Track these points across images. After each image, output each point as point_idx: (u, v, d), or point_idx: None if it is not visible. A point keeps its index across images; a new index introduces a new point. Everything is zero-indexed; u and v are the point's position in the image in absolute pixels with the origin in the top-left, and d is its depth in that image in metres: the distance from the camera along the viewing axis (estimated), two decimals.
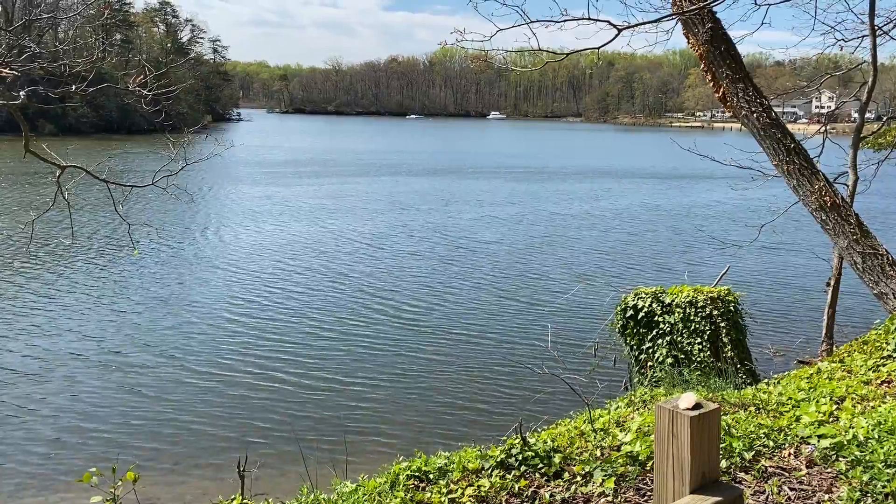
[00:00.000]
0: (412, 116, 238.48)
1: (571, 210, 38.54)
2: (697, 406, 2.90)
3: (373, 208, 37.93)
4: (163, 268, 23.37)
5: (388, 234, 30.45)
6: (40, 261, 23.55)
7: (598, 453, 5.18)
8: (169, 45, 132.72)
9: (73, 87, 7.29)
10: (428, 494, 4.77)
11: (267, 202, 39.65)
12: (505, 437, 5.63)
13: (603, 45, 6.74)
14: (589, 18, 6.43)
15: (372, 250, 26.85)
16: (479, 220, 34.36)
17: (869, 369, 7.70)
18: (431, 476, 5.01)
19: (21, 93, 6.99)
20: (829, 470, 4.77)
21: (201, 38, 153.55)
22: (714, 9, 6.88)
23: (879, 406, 6.09)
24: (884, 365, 7.63)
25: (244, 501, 5.36)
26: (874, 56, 12.27)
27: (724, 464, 4.77)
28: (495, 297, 20.38)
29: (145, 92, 7.27)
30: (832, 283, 13.88)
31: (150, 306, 18.83)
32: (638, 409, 6.90)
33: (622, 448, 5.16)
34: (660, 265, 25.17)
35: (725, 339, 11.54)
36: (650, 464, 4.79)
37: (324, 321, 17.81)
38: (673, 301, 11.90)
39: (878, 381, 7.14)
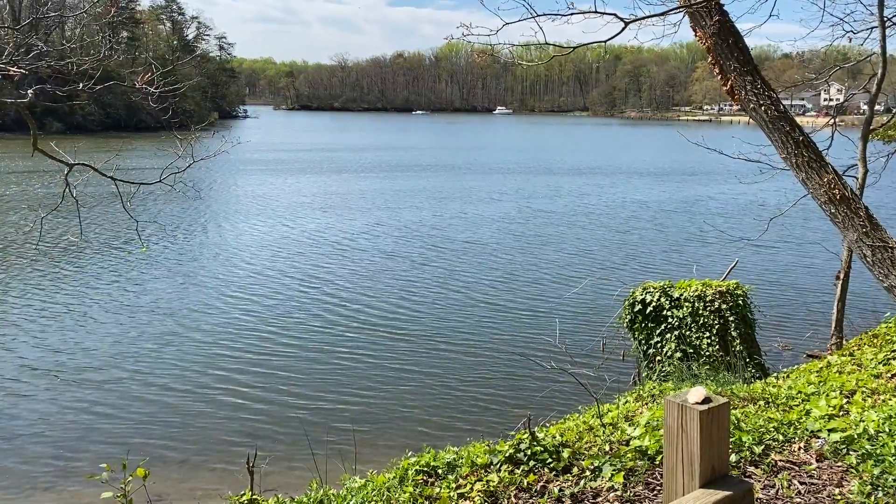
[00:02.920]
0: (418, 112, 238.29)
1: (578, 205, 38.46)
2: (706, 400, 2.89)
3: (380, 204, 37.96)
4: (171, 264, 23.45)
5: (394, 229, 30.45)
6: (50, 258, 23.66)
7: (607, 448, 5.17)
8: (175, 42, 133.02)
9: (81, 85, 7.30)
10: (437, 489, 4.77)
11: (274, 199, 39.72)
12: (513, 432, 5.63)
13: (610, 39, 6.71)
14: (595, 11, 6.41)
15: (379, 245, 26.86)
16: (486, 216, 34.33)
17: (879, 363, 7.66)
18: (440, 471, 5.02)
19: (29, 91, 7.01)
20: (839, 464, 4.75)
21: (207, 35, 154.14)
22: (722, 1, 6.84)
23: (890, 399, 6.06)
24: (894, 358, 7.59)
25: (254, 497, 5.38)
26: (883, 47, 12.18)
27: (733, 458, 4.76)
28: (503, 291, 20.36)
29: (152, 90, 7.27)
30: (841, 276, 13.81)
31: (157, 302, 18.90)
32: (646, 404, 6.89)
33: (631, 443, 5.15)
34: (668, 259, 25.10)
35: (734, 334, 11.50)
36: (659, 458, 4.78)
37: (333, 316, 17.84)
38: (681, 295, 11.86)
39: (889, 375, 7.11)
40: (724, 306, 11.64)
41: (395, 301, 19.33)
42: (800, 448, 5.01)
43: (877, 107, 13.70)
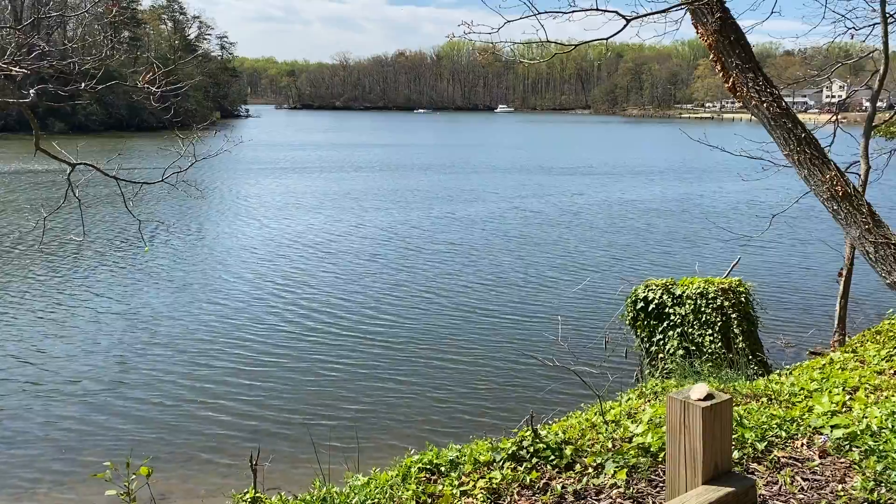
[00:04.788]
0: (420, 111, 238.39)
1: (579, 203, 38.44)
2: (709, 397, 2.90)
3: (386, 203, 37.96)
4: (173, 263, 23.47)
5: (398, 227, 30.46)
6: (52, 257, 23.69)
7: (610, 445, 5.17)
8: (177, 41, 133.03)
9: (83, 85, 7.31)
10: (440, 487, 4.78)
11: (276, 198, 39.75)
12: (516, 430, 5.63)
13: (612, 36, 6.71)
14: (597, 9, 6.41)
15: (381, 243, 26.87)
16: (489, 214, 34.33)
17: (882, 359, 7.66)
18: (443, 469, 5.02)
19: (31, 91, 7.02)
20: (842, 460, 4.75)
21: (209, 34, 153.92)
22: None
23: (893, 396, 6.06)
24: None
25: (257, 495, 5.39)
26: (885, 44, 12.16)
27: (736, 454, 4.76)
28: (505, 289, 20.36)
29: (154, 89, 7.28)
30: (844, 273, 13.80)
31: (160, 301, 18.92)
32: (649, 401, 6.89)
33: (634, 440, 5.15)
34: (670, 257, 25.08)
35: (737, 331, 11.51)
36: (662, 455, 4.79)
37: (335, 316, 17.85)
38: (683, 293, 11.87)
39: (892, 371, 7.11)
40: (726, 303, 11.65)
41: (399, 300, 19.33)
42: (803, 444, 5.01)
43: (879, 103, 13.67)
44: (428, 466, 5.04)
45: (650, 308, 12.04)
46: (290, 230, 29.92)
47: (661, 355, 11.75)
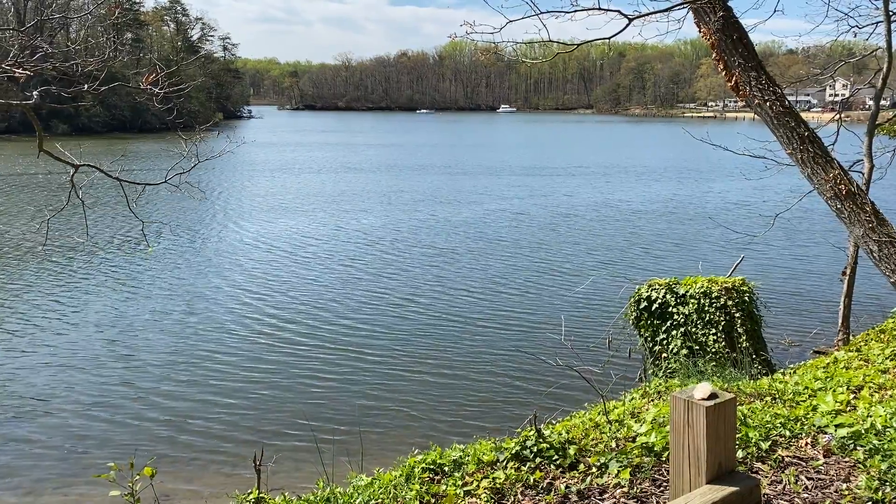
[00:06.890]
0: (422, 111, 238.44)
1: (582, 203, 38.41)
2: (713, 396, 2.89)
3: (393, 204, 37.97)
4: (176, 264, 23.50)
5: (405, 226, 30.46)
6: (56, 259, 23.74)
7: (614, 445, 5.17)
8: (179, 43, 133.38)
9: (86, 86, 7.33)
10: (443, 487, 4.78)
11: (278, 199, 39.77)
12: (519, 430, 5.63)
13: (614, 36, 6.71)
14: (599, 8, 6.40)
15: (386, 244, 26.88)
16: (492, 214, 34.32)
17: (886, 358, 7.65)
18: (446, 468, 5.02)
19: (34, 93, 7.03)
20: (846, 459, 4.74)
21: (211, 36, 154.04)
22: None
23: None
24: None
25: (261, 495, 5.40)
26: (889, 42, 12.14)
27: (740, 454, 4.75)
28: (509, 289, 20.36)
29: (157, 90, 7.29)
30: (848, 272, 13.77)
31: (163, 302, 18.95)
32: (653, 401, 6.88)
33: (637, 439, 5.15)
34: (673, 256, 25.05)
35: (740, 330, 11.48)
36: (666, 455, 4.78)
37: (338, 315, 17.86)
38: (687, 292, 11.85)
39: None
40: (729, 303, 11.62)
41: (401, 300, 19.33)
42: (807, 444, 5.00)
43: (882, 102, 13.63)
44: (431, 466, 5.05)
45: (653, 307, 12.02)
46: (291, 232, 29.93)
47: (664, 355, 11.74)
